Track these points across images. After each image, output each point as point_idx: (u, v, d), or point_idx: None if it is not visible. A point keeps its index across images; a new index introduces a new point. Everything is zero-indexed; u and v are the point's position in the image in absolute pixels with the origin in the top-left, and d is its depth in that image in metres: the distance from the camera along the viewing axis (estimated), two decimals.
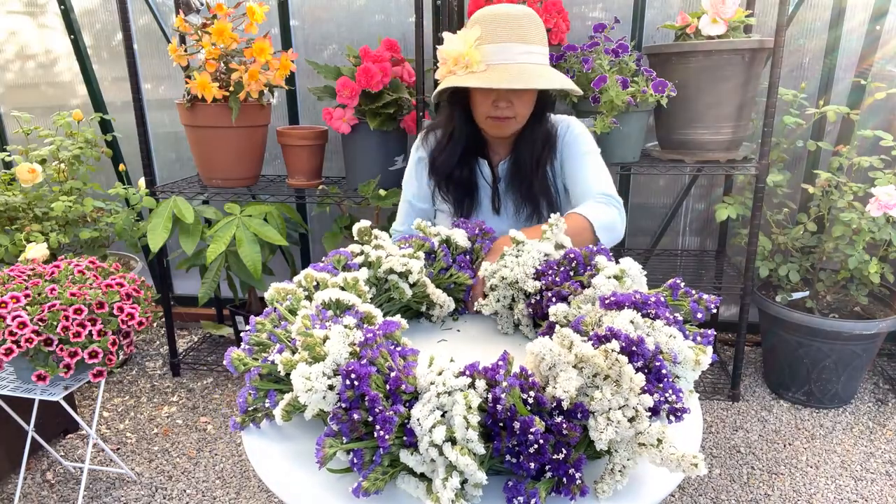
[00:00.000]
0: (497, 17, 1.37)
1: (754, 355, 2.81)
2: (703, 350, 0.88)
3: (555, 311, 1.03)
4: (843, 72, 2.51)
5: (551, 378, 0.81)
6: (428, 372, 0.82)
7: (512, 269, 1.19)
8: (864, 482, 2.02)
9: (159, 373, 2.76)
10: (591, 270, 1.10)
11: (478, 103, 1.46)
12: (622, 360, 0.78)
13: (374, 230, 1.28)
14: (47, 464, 2.15)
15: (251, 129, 2.34)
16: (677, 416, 0.81)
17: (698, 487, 2.01)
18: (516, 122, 1.47)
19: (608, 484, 0.79)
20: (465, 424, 0.74)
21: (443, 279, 1.28)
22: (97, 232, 2.40)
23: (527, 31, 1.38)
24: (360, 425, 0.78)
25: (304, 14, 2.72)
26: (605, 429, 0.76)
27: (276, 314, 1.01)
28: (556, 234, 1.23)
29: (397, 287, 1.19)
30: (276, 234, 2.29)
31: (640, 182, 2.76)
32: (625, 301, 0.93)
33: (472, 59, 1.37)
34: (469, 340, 1.23)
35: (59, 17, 2.83)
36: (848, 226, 2.20)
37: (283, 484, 0.86)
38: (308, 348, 0.84)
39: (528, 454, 0.75)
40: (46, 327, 1.60)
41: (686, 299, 0.99)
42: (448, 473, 0.74)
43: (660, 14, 2.53)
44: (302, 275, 1.11)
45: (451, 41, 1.40)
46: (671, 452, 0.76)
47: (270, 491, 1.36)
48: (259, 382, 0.93)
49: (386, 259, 1.19)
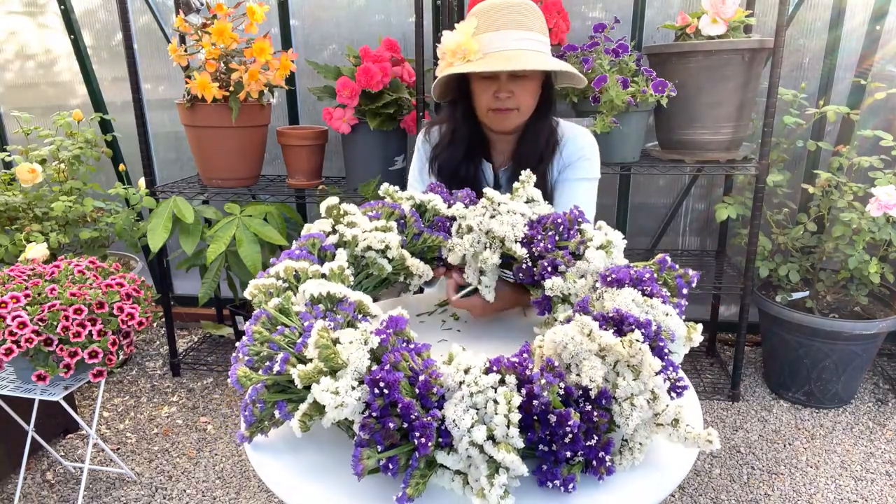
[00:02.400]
0: (494, 7, 1.37)
1: (754, 355, 2.81)
2: (694, 327, 0.92)
3: (551, 286, 1.07)
4: (843, 72, 2.51)
5: (573, 365, 0.83)
6: (454, 371, 0.82)
7: (502, 224, 1.15)
8: (864, 482, 2.02)
9: (159, 373, 2.76)
10: (575, 236, 1.14)
11: (479, 96, 1.44)
12: (645, 349, 0.80)
13: (342, 205, 1.23)
14: (47, 464, 2.15)
15: (251, 129, 2.34)
16: (678, 392, 0.85)
17: (698, 487, 2.01)
18: (519, 115, 1.45)
19: (627, 459, 0.83)
20: (507, 422, 0.75)
21: (416, 245, 1.26)
22: (97, 232, 2.40)
23: (524, 18, 1.36)
24: (394, 433, 0.78)
25: (304, 14, 2.72)
26: (631, 414, 0.79)
27: (266, 316, 0.96)
28: (528, 189, 1.24)
29: (376, 263, 1.17)
30: (276, 234, 2.29)
31: (640, 182, 2.76)
32: (624, 279, 0.96)
33: (469, 48, 1.35)
34: (472, 340, 1.23)
35: (58, 17, 2.83)
36: (848, 226, 2.20)
37: (298, 493, 0.84)
38: (327, 360, 0.82)
39: (563, 444, 0.78)
40: (46, 327, 1.60)
41: (672, 273, 1.03)
42: (492, 470, 0.75)
43: (660, 14, 2.53)
44: (281, 266, 1.06)
45: (449, 35, 1.39)
46: (688, 431, 0.80)
47: (270, 491, 1.36)
48: (267, 395, 0.88)
49: (362, 237, 1.15)
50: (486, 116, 1.47)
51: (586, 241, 1.12)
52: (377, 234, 1.16)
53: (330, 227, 1.20)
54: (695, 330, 0.92)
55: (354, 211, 1.22)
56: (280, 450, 0.92)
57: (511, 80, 1.39)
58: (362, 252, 1.16)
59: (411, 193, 1.31)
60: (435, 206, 1.30)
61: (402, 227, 1.26)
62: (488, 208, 1.20)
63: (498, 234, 1.15)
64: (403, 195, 1.31)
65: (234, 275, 2.40)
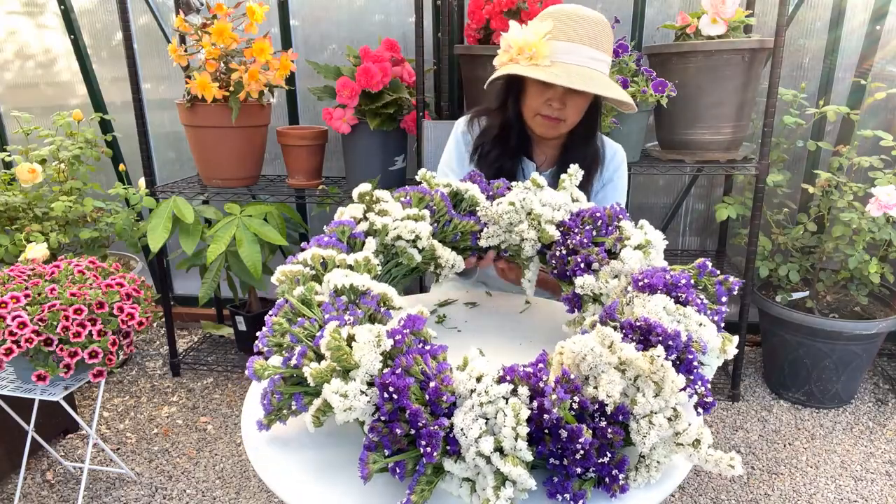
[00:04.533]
0: (572, 17, 1.34)
1: (754, 355, 2.81)
2: (729, 339, 0.87)
3: (582, 284, 1.04)
4: (843, 72, 2.51)
5: (591, 377, 0.80)
6: (467, 378, 0.80)
7: (543, 205, 1.14)
8: (864, 482, 2.02)
9: (159, 373, 2.76)
10: (613, 232, 1.10)
11: (531, 98, 1.43)
12: (667, 367, 0.76)
13: (374, 191, 1.20)
14: (47, 464, 2.15)
15: (251, 129, 2.34)
16: (706, 409, 0.81)
17: (698, 487, 2.01)
18: (564, 126, 1.45)
19: (643, 476, 0.80)
20: (515, 435, 0.73)
21: (447, 232, 1.23)
22: (97, 232, 2.40)
23: (599, 38, 1.35)
24: (402, 438, 0.77)
25: (304, 14, 2.72)
26: (648, 433, 0.76)
27: (289, 306, 0.95)
28: (572, 185, 1.22)
29: (405, 253, 1.15)
30: (276, 234, 2.29)
31: (640, 182, 2.76)
32: (658, 284, 0.91)
33: (539, 51, 1.32)
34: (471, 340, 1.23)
35: (58, 17, 2.83)
36: (848, 226, 2.20)
37: (304, 494, 0.83)
38: (339, 360, 0.81)
39: (574, 459, 0.75)
40: (46, 327, 1.60)
41: (711, 279, 0.98)
42: (498, 482, 0.73)
43: (660, 14, 2.53)
44: (308, 253, 1.05)
45: (520, 30, 1.36)
46: (709, 453, 0.77)
47: (270, 491, 1.36)
48: (284, 387, 0.88)
49: (393, 226, 1.13)
50: (533, 120, 1.46)
51: (624, 240, 1.08)
52: (408, 223, 1.13)
53: (361, 214, 1.17)
54: (730, 342, 0.87)
55: (387, 198, 1.19)
56: (284, 449, 0.92)
57: (566, 94, 1.39)
58: (392, 241, 1.14)
59: (449, 181, 1.28)
60: (473, 195, 1.26)
61: (434, 214, 1.22)
62: (532, 189, 1.18)
63: (537, 213, 1.12)
64: (441, 181, 1.28)
65: (234, 275, 2.40)
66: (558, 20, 1.34)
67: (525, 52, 1.33)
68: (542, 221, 1.13)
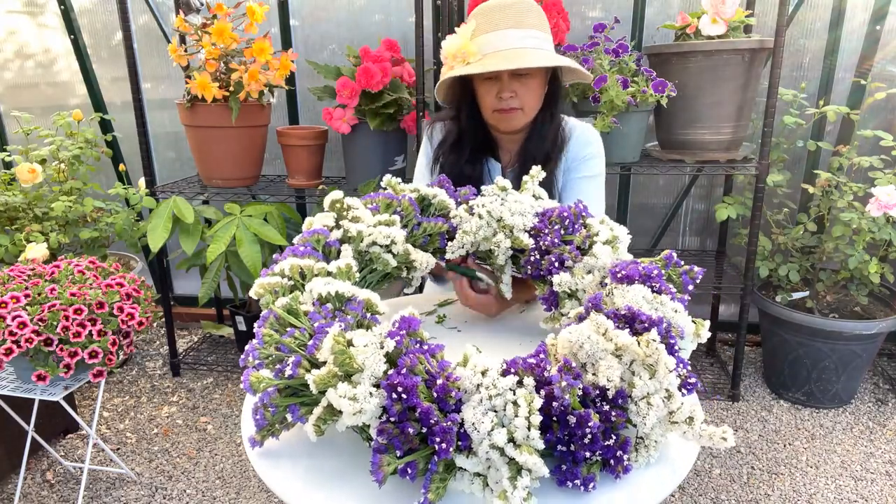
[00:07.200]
0: (493, 8, 1.37)
1: (754, 355, 2.81)
2: (701, 324, 0.93)
3: (559, 281, 1.08)
4: (843, 72, 2.51)
5: (588, 365, 0.83)
6: (472, 373, 0.81)
7: (512, 214, 1.15)
8: (864, 482, 2.02)
9: (159, 373, 2.76)
10: (580, 230, 1.14)
11: (483, 97, 1.44)
12: (661, 349, 0.80)
13: (345, 198, 1.20)
14: (47, 464, 2.15)
15: (251, 129, 2.34)
16: (688, 389, 0.85)
17: (698, 487, 2.01)
18: (524, 115, 1.44)
19: (643, 457, 0.85)
20: (528, 425, 0.75)
21: (417, 236, 1.24)
22: (97, 232, 2.40)
23: (523, 17, 1.36)
24: (413, 437, 0.77)
25: (304, 14, 2.72)
26: (648, 413, 0.80)
27: (274, 317, 0.94)
28: (534, 185, 1.23)
29: (380, 258, 1.15)
30: (276, 234, 2.29)
31: (640, 182, 2.76)
32: (634, 275, 0.96)
33: (468, 51, 1.36)
34: (472, 339, 1.23)
35: (58, 17, 2.83)
36: (848, 226, 2.20)
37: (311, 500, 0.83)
38: (342, 365, 0.80)
39: (582, 444, 0.78)
40: (46, 327, 1.60)
41: (677, 270, 1.04)
42: (514, 472, 0.74)
43: (660, 14, 2.53)
44: (286, 263, 1.04)
45: (450, 38, 1.39)
46: (702, 429, 0.82)
47: (270, 491, 1.36)
48: (279, 399, 0.87)
49: (367, 232, 1.14)
50: (492, 117, 1.46)
51: (592, 236, 1.11)
52: (382, 228, 1.14)
53: (333, 222, 1.17)
54: (702, 326, 0.93)
55: (358, 205, 1.19)
56: (286, 456, 0.91)
57: (513, 80, 1.39)
58: (367, 247, 1.15)
59: (416, 186, 1.29)
60: (441, 200, 1.27)
61: (403, 219, 1.23)
62: (499, 196, 1.19)
63: (508, 223, 1.14)
64: (407, 187, 1.29)
65: (234, 275, 2.40)
66: (480, 16, 1.37)
67: (458, 56, 1.37)
68: (514, 230, 1.15)
